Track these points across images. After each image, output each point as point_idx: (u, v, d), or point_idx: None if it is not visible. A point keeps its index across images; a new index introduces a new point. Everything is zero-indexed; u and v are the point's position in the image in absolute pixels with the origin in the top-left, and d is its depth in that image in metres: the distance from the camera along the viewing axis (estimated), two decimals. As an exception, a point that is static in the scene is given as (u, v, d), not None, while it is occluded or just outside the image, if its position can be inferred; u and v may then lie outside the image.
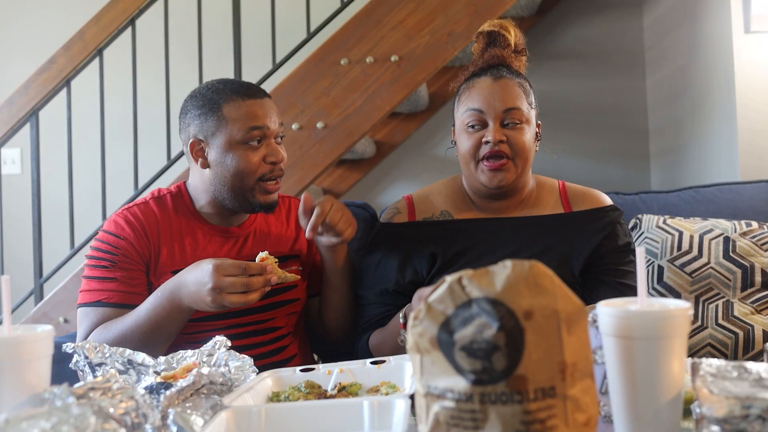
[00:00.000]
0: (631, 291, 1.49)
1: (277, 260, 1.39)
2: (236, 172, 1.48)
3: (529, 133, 1.53)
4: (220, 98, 1.49)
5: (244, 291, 1.32)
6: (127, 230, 1.49)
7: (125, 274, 1.47)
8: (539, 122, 1.60)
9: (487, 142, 1.50)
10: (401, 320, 1.45)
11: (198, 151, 1.52)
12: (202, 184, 1.55)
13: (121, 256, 1.48)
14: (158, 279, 1.49)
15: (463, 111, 1.55)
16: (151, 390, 1.00)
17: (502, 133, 1.50)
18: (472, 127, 1.52)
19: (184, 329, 1.45)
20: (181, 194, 1.58)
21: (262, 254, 1.38)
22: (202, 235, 1.54)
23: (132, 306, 1.44)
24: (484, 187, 1.54)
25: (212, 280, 1.30)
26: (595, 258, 1.52)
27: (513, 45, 1.60)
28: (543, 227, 1.55)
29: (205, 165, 1.52)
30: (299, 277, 1.46)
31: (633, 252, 1.56)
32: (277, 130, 1.52)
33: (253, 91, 1.52)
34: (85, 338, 1.44)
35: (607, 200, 1.60)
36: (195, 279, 1.34)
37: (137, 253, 1.49)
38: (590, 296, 1.48)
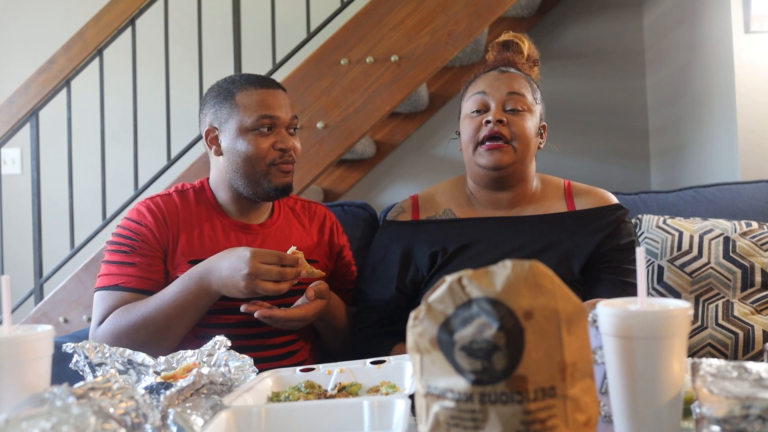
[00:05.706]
0: (633, 289, 1.49)
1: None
2: (246, 157, 1.51)
3: (530, 122, 1.53)
4: (234, 87, 1.55)
5: (276, 280, 1.35)
6: (148, 218, 1.52)
7: (144, 260, 1.49)
8: (545, 124, 1.61)
9: (487, 122, 1.51)
10: None
11: (212, 138, 1.56)
12: (219, 175, 1.58)
13: (141, 242, 1.50)
14: (175, 269, 1.50)
15: (467, 99, 1.57)
16: (151, 390, 1.00)
17: (503, 115, 1.51)
18: (476, 112, 1.54)
19: (196, 323, 1.46)
20: (203, 189, 1.62)
21: (292, 248, 1.42)
22: (222, 228, 1.56)
23: (149, 292, 1.46)
24: (483, 171, 1.53)
25: (249, 266, 1.33)
26: (597, 256, 1.52)
27: (526, 54, 1.63)
28: (545, 226, 1.55)
29: (219, 152, 1.56)
30: (324, 273, 1.50)
31: None
32: (288, 121, 1.56)
33: (267, 83, 1.57)
34: (101, 322, 1.45)
35: (613, 199, 1.60)
36: (230, 264, 1.36)
37: (156, 240, 1.51)
38: (591, 294, 1.48)
